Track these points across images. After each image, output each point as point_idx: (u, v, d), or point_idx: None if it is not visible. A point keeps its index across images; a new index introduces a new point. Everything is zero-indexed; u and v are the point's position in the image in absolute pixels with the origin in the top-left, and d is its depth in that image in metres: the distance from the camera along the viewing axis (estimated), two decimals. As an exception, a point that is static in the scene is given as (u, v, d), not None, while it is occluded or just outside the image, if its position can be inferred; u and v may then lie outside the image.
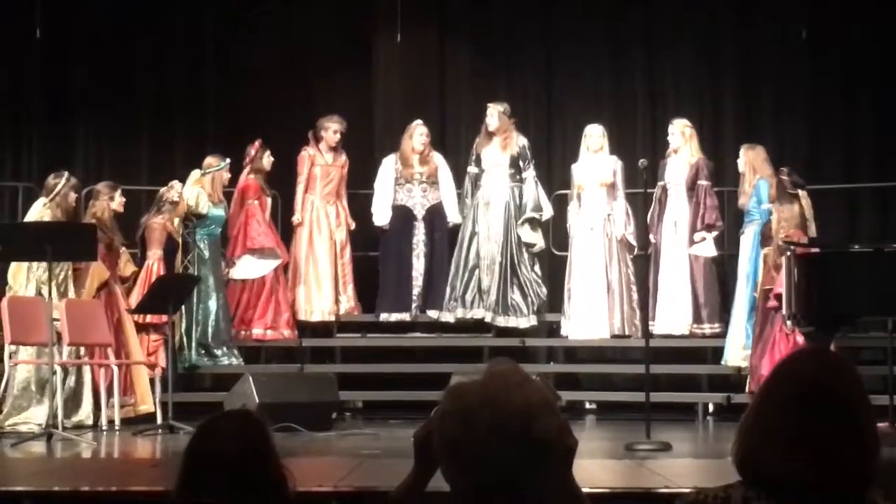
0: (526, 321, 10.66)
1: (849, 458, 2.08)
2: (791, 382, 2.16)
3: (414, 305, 10.81)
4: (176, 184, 10.21)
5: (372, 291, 10.99)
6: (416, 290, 10.82)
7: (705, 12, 11.76)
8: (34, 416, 8.85)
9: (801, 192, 9.65)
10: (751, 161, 10.13)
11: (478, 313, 10.67)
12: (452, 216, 10.91)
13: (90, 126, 11.89)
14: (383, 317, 10.86)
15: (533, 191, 10.74)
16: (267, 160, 10.77)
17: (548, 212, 10.83)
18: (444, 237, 10.93)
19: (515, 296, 10.65)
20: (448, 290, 10.74)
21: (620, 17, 11.89)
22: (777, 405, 2.15)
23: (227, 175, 10.55)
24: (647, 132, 11.75)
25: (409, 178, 10.89)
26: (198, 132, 11.87)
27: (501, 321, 10.64)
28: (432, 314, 10.78)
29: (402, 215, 10.91)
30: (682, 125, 10.58)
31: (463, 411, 2.06)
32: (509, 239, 10.70)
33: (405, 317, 10.84)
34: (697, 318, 10.40)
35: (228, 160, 10.51)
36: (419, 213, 10.91)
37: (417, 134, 10.90)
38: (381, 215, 10.94)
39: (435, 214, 10.92)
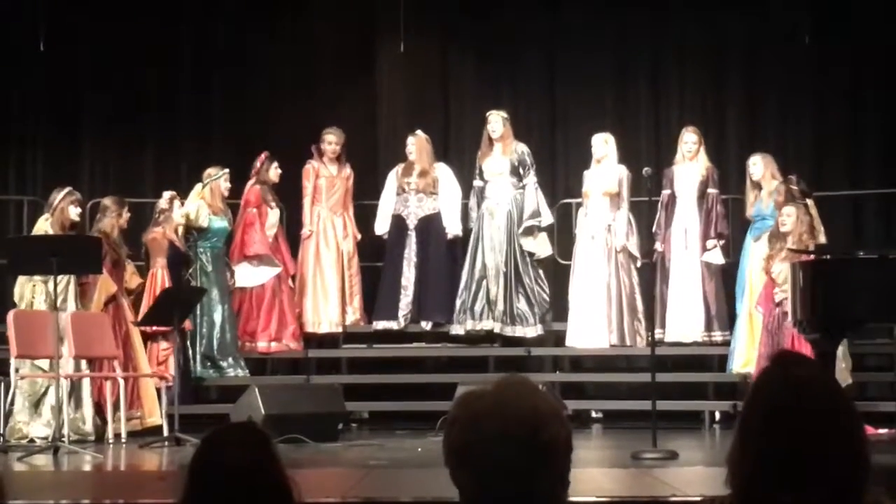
0: (533, 330, 10.63)
1: (838, 466, 2.04)
2: (762, 408, 2.13)
3: (402, 315, 10.78)
4: (165, 193, 10.23)
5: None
6: (405, 300, 10.79)
7: (709, 19, 11.75)
8: (32, 431, 8.85)
9: (808, 201, 9.65)
10: (770, 167, 10.14)
11: (486, 325, 10.63)
12: (452, 227, 10.86)
13: (95, 139, 11.89)
14: (374, 325, 10.85)
15: (532, 197, 10.70)
16: (273, 172, 10.76)
17: (547, 218, 10.76)
18: (439, 248, 10.85)
19: (521, 305, 10.62)
20: (458, 302, 10.72)
21: (624, 24, 11.88)
22: (756, 434, 2.12)
23: (226, 184, 10.53)
24: (650, 140, 11.74)
25: (406, 188, 10.90)
26: (203, 145, 11.86)
27: (509, 331, 10.62)
28: (455, 329, 10.67)
29: (398, 225, 10.91)
30: (697, 133, 10.58)
31: (472, 418, 2.06)
32: (512, 247, 10.68)
33: (392, 325, 10.81)
34: (709, 326, 10.39)
35: (227, 170, 10.50)
36: (412, 222, 10.87)
37: (409, 143, 10.91)
38: (380, 224, 10.97)
39: (428, 224, 10.86)
